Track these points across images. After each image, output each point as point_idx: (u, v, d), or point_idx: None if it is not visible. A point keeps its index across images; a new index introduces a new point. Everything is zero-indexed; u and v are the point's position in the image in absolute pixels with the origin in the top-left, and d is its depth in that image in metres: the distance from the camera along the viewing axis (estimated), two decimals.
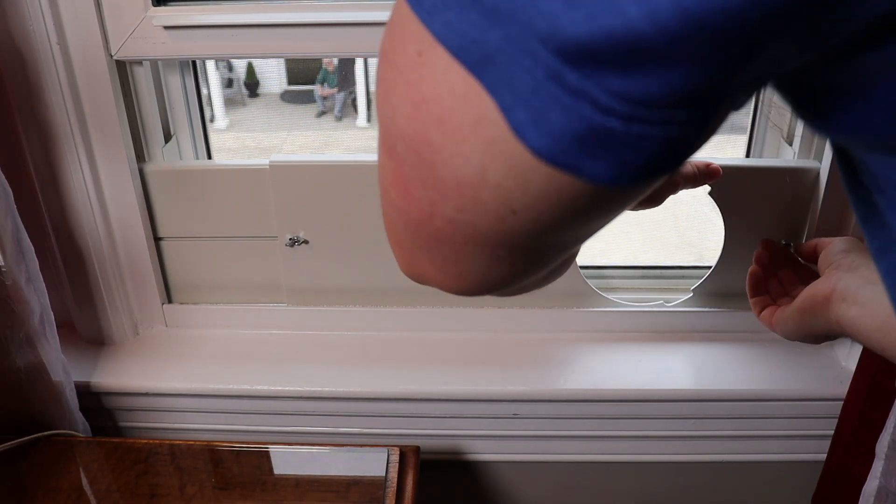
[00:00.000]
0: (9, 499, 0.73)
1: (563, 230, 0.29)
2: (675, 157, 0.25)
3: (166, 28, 0.75)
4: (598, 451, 0.89)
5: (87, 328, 0.91)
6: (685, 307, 0.91)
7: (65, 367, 0.81)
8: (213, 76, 8.04)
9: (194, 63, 0.89)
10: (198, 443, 0.80)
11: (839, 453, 0.79)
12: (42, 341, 0.77)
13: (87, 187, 0.81)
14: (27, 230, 0.74)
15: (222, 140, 7.88)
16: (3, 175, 0.70)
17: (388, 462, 0.76)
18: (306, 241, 0.87)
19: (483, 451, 0.90)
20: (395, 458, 0.77)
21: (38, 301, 0.76)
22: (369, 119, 8.30)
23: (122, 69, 0.80)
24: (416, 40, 0.25)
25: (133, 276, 0.90)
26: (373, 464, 0.76)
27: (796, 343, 0.89)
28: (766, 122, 0.90)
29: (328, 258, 0.89)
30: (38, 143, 0.78)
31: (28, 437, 0.79)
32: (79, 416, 0.83)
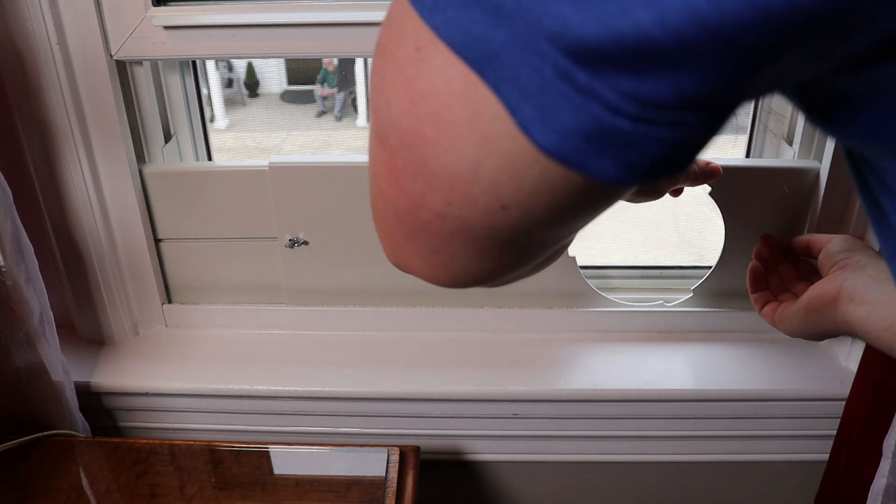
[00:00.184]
0: (9, 499, 0.73)
1: (551, 226, 0.29)
2: (681, 159, 0.25)
3: (166, 28, 0.75)
4: (598, 451, 0.89)
5: (87, 328, 0.91)
6: (685, 307, 0.91)
7: (65, 367, 0.81)
8: (213, 76, 8.04)
9: (194, 63, 0.89)
10: (198, 443, 0.80)
11: (843, 453, 0.79)
12: (42, 341, 0.77)
13: (87, 187, 0.81)
14: (27, 230, 0.74)
15: (222, 140, 7.88)
16: (3, 175, 0.70)
17: (388, 462, 0.76)
18: (306, 242, 0.87)
19: (483, 451, 0.90)
20: (395, 458, 0.77)
21: (37, 301, 0.76)
22: (369, 119, 8.30)
23: (122, 69, 0.80)
24: (415, 36, 0.25)
25: (133, 277, 0.90)
26: (373, 464, 0.76)
27: (796, 343, 0.89)
28: (767, 121, 0.90)
29: (328, 259, 0.89)
30: (38, 143, 0.78)
31: (28, 437, 0.79)
32: (79, 416, 0.83)
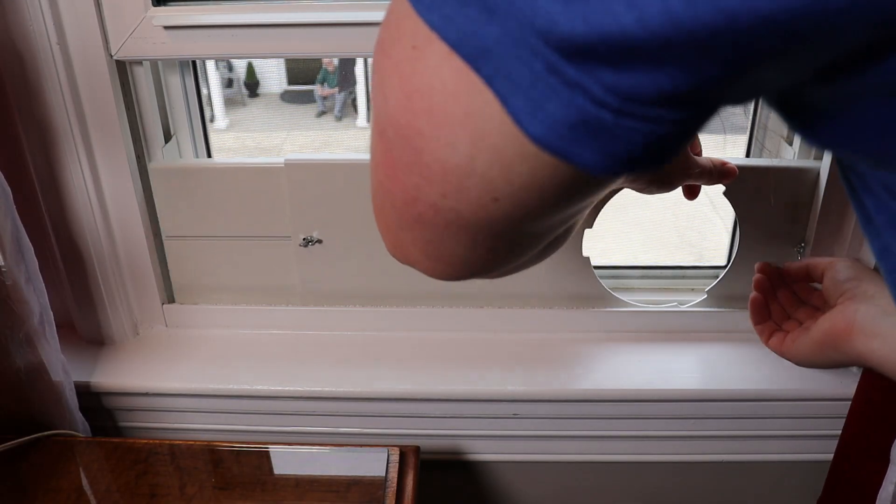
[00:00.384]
0: (9, 499, 0.73)
1: (541, 216, 0.31)
2: (660, 152, 0.26)
3: (166, 28, 0.74)
4: (599, 451, 0.89)
5: (87, 328, 0.91)
6: (697, 308, 0.91)
7: (65, 367, 0.81)
8: (213, 76, 8.04)
9: (194, 63, 0.89)
10: (198, 443, 0.80)
11: (848, 456, 0.79)
12: (42, 341, 0.77)
13: (87, 187, 0.81)
14: (27, 230, 0.74)
15: (222, 140, 7.88)
16: (3, 175, 0.70)
17: (388, 462, 0.76)
18: (320, 241, 0.87)
19: (483, 451, 0.90)
20: (395, 458, 0.77)
21: (37, 301, 0.76)
22: (369, 119, 8.29)
23: (122, 69, 0.80)
24: (413, 35, 0.26)
25: (133, 276, 0.90)
26: (373, 464, 0.76)
27: None
28: (767, 121, 0.90)
29: (342, 258, 0.89)
30: (38, 143, 0.78)
31: (28, 437, 0.79)
32: (79, 416, 0.83)
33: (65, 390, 0.80)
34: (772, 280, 0.69)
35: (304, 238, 0.87)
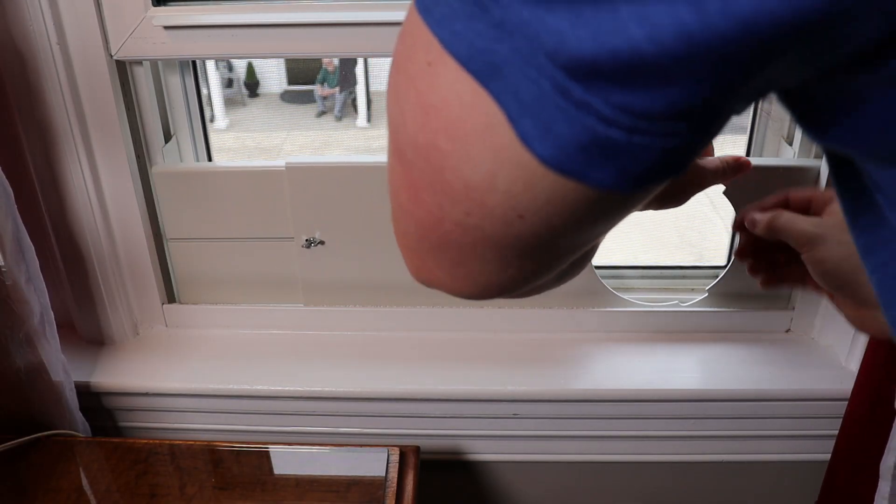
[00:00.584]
0: (9, 499, 0.73)
1: (570, 233, 0.30)
2: (675, 165, 0.26)
3: (166, 28, 0.74)
4: (599, 451, 0.89)
5: (87, 328, 0.91)
6: (697, 307, 0.91)
7: (65, 367, 0.81)
8: (213, 76, 8.04)
9: (194, 63, 0.89)
10: (198, 443, 0.80)
11: (843, 461, 0.79)
12: (42, 341, 0.77)
13: (87, 187, 0.81)
14: (27, 230, 0.74)
15: (222, 140, 7.88)
16: (4, 175, 0.70)
17: (388, 462, 0.76)
18: (322, 242, 0.87)
19: (483, 451, 0.90)
20: (395, 458, 0.77)
21: (38, 301, 0.76)
22: (369, 119, 8.30)
23: (122, 69, 0.80)
24: (426, 50, 0.26)
25: (133, 277, 0.90)
26: (373, 464, 0.76)
27: (799, 343, 0.90)
28: (767, 121, 0.90)
29: (344, 259, 0.89)
30: (38, 142, 0.78)
31: (28, 437, 0.79)
32: (79, 416, 0.83)
33: (65, 390, 0.80)
34: (752, 242, 0.69)
35: (307, 239, 0.87)
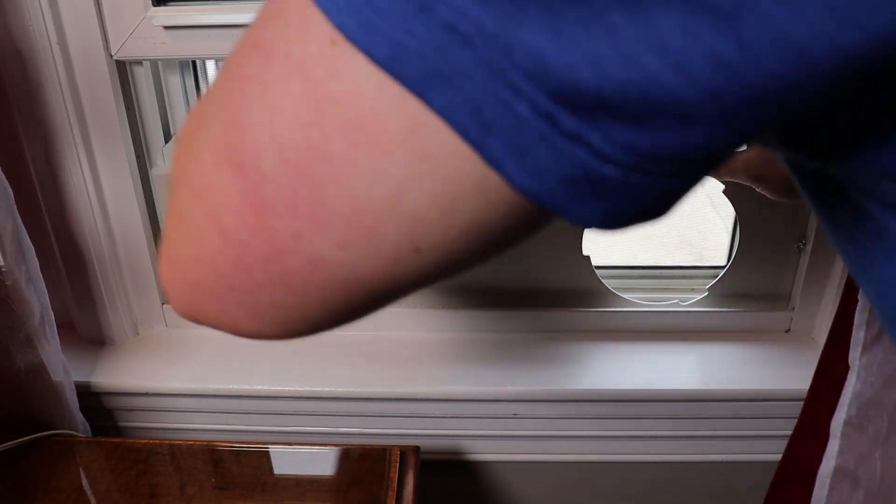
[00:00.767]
0: (9, 499, 0.73)
1: (458, 267, 0.24)
2: (668, 204, 0.22)
3: (166, 28, 0.74)
4: (599, 451, 0.89)
5: (87, 328, 0.91)
6: (697, 307, 0.91)
7: (65, 367, 0.81)
8: (213, 76, 8.04)
9: (194, 63, 0.89)
10: (198, 443, 0.80)
11: (796, 447, 0.78)
12: (42, 341, 0.77)
13: (87, 187, 0.81)
14: (27, 230, 0.74)
15: None
16: (4, 175, 0.70)
17: (388, 462, 0.76)
18: None
19: (483, 451, 0.90)
20: (395, 458, 0.77)
21: (38, 301, 0.76)
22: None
23: (122, 69, 0.80)
24: (332, 28, 0.20)
25: (133, 277, 0.90)
26: (373, 464, 0.76)
27: (799, 343, 0.90)
28: None
29: None
30: (38, 143, 0.78)
31: (28, 437, 0.79)
32: (79, 416, 0.83)
33: (65, 390, 0.80)
34: None
35: None
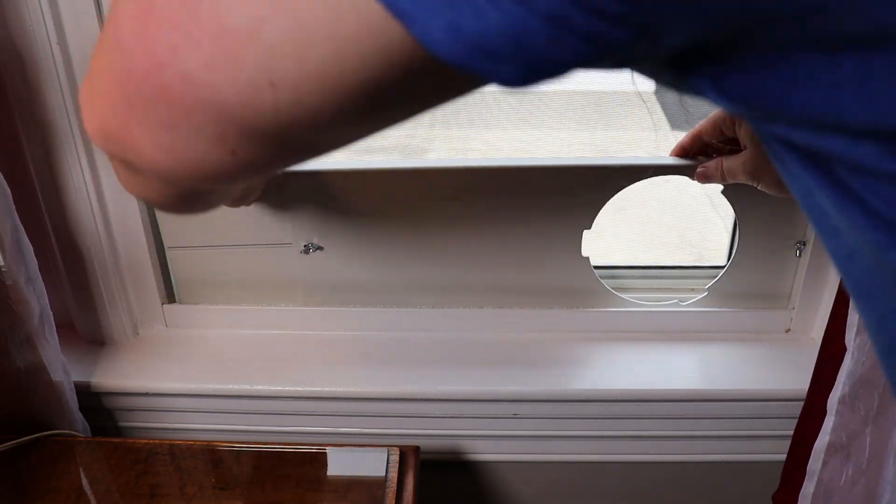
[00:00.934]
0: (9, 499, 0.73)
1: (318, 123, 0.25)
2: (568, 68, 0.22)
3: None
4: (599, 451, 0.89)
5: (86, 328, 0.91)
6: (696, 307, 0.91)
7: (65, 367, 0.81)
8: None
9: None
10: (198, 443, 0.80)
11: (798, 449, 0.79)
12: (42, 341, 0.77)
13: (87, 187, 0.81)
14: (26, 230, 0.74)
15: None
16: (3, 175, 0.70)
17: (388, 462, 0.76)
18: (321, 248, 0.87)
19: (483, 451, 0.90)
20: (395, 458, 0.77)
21: (37, 301, 0.76)
22: None
23: None
24: None
25: (133, 277, 0.90)
26: (373, 464, 0.76)
27: (799, 343, 0.90)
28: None
29: (343, 263, 0.89)
30: (38, 143, 0.78)
31: (28, 437, 0.79)
32: (79, 416, 0.83)
33: (65, 390, 0.80)
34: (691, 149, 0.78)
35: (305, 245, 0.87)
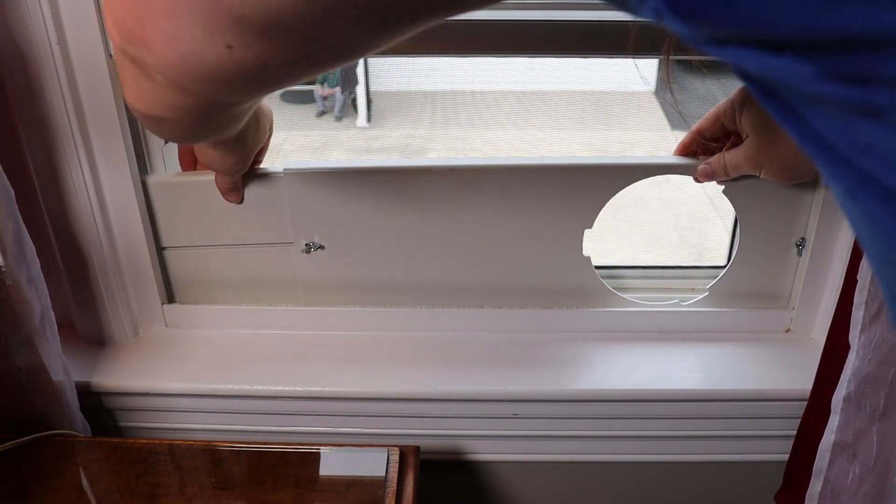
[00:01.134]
0: (9, 499, 0.73)
1: (309, 17, 0.28)
2: None
3: None
4: (599, 451, 0.89)
5: (87, 328, 0.91)
6: (697, 307, 0.91)
7: (65, 367, 0.81)
8: None
9: None
10: (198, 443, 0.80)
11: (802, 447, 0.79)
12: (42, 341, 0.77)
13: (88, 187, 0.81)
14: (27, 230, 0.74)
15: None
16: (5, 175, 0.70)
17: (388, 462, 0.76)
18: (322, 247, 0.87)
19: (483, 451, 0.90)
20: (395, 458, 0.77)
21: (38, 301, 0.76)
22: (369, 119, 8.30)
23: None
24: None
25: (133, 277, 0.90)
26: (373, 464, 0.76)
27: (799, 343, 0.90)
28: None
29: (344, 263, 0.89)
30: (39, 143, 0.78)
31: (28, 437, 0.79)
32: (79, 416, 0.83)
33: (65, 390, 0.80)
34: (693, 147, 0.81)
35: (307, 244, 0.87)
